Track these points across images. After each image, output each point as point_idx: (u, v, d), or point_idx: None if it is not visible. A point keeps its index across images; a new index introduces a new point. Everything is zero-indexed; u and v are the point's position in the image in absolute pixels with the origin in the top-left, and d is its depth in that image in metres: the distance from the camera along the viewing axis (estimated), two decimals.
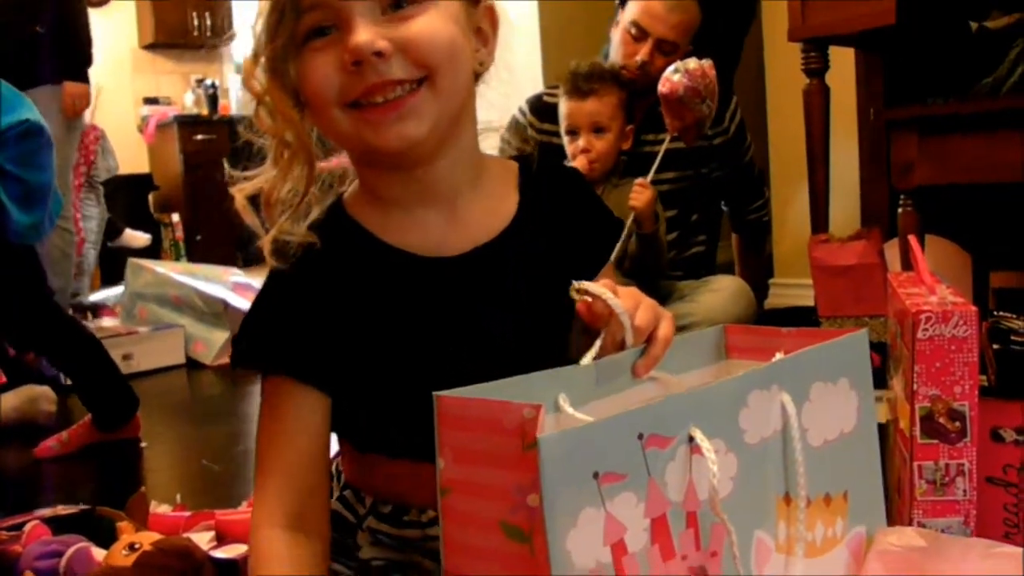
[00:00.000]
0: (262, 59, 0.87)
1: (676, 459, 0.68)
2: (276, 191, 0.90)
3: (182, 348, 3.45)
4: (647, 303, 0.84)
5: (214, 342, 3.41)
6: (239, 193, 0.92)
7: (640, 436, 0.65)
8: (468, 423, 0.67)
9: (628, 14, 2.48)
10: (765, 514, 0.75)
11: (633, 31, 2.45)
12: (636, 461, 0.65)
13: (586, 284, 0.82)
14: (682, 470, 0.68)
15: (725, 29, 3.16)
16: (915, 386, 1.09)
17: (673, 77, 2.25)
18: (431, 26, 0.85)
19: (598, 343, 0.82)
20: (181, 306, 3.42)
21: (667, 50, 2.44)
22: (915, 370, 1.09)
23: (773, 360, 0.81)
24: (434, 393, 0.68)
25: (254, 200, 0.93)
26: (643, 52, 2.43)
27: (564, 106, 2.32)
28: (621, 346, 0.82)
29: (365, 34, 0.82)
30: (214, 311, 3.39)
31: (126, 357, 3.24)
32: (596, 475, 0.62)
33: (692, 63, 2.25)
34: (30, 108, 2.38)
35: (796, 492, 0.76)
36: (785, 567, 0.76)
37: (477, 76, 0.94)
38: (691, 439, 0.68)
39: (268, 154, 0.92)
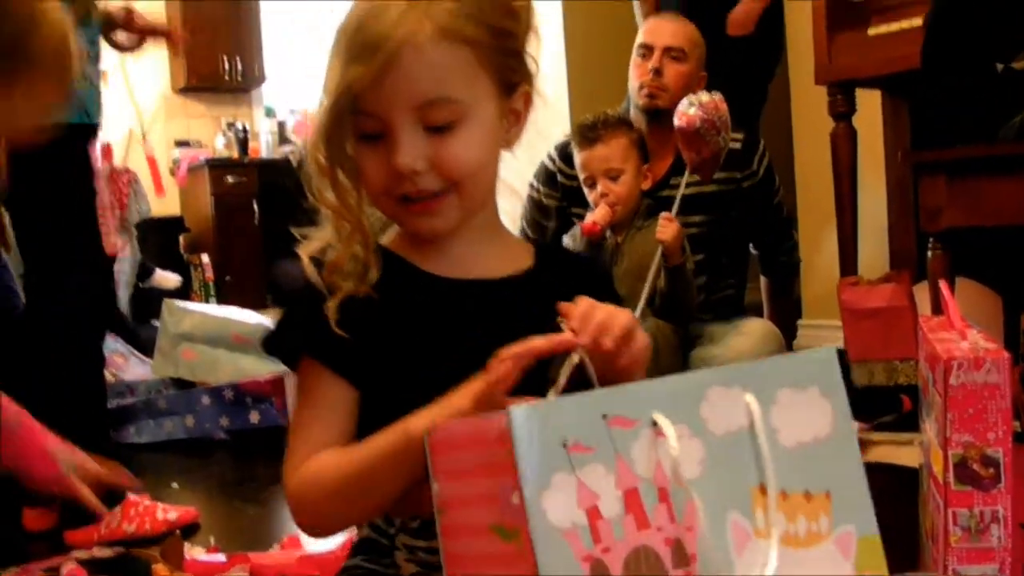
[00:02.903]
0: (323, 142, 0.99)
1: (640, 439, 0.72)
2: (339, 258, 1.00)
3: None
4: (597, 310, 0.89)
5: None
6: (304, 252, 1.01)
7: (604, 416, 0.71)
8: (456, 444, 0.74)
9: (635, 45, 2.62)
10: (740, 500, 0.77)
11: (641, 51, 2.59)
12: (602, 437, 0.70)
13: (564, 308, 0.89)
14: (648, 449, 0.72)
15: (752, 70, 3.20)
16: (948, 433, 1.10)
17: (688, 111, 2.29)
18: (463, 145, 0.97)
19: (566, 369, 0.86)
20: (244, 345, 3.40)
21: (676, 56, 2.55)
22: (948, 416, 1.10)
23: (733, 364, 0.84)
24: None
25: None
26: (653, 61, 2.54)
27: (577, 158, 2.39)
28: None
29: (406, 156, 0.95)
30: None
31: None
32: (564, 444, 0.68)
33: (704, 96, 2.30)
34: None
35: (768, 484, 0.78)
36: (767, 553, 0.77)
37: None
38: (654, 423, 0.73)
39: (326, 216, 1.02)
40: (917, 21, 2.46)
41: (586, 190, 2.39)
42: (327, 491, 0.95)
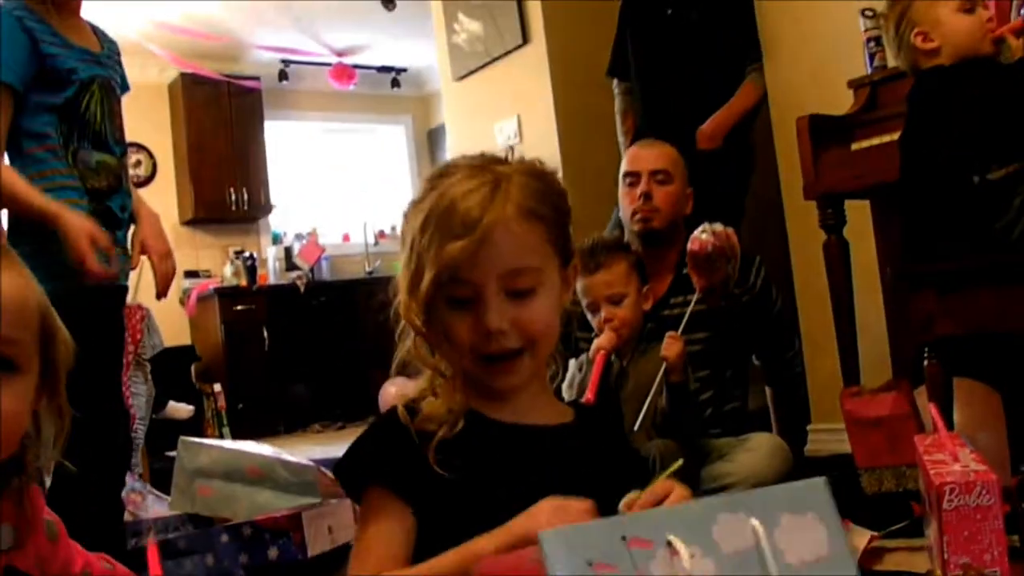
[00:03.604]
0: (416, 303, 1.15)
1: (657, 559, 0.80)
2: (435, 409, 1.14)
3: None
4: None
5: None
6: (399, 402, 1.15)
7: (623, 538, 0.79)
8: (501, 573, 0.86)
9: (620, 175, 2.76)
10: None
11: (628, 180, 2.71)
12: (623, 556, 0.79)
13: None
14: (664, 567, 0.80)
15: (724, 184, 3.31)
16: (946, 555, 1.14)
17: (702, 236, 2.39)
18: (540, 308, 1.15)
19: None
20: (260, 479, 3.42)
21: (661, 179, 2.67)
22: (944, 539, 1.14)
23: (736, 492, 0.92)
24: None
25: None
26: (641, 186, 2.66)
27: (579, 285, 2.45)
28: None
29: (495, 319, 1.12)
30: (303, 479, 3.37)
31: None
32: (590, 563, 0.77)
33: (718, 226, 2.40)
34: None
35: None
36: None
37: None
38: (669, 544, 0.81)
39: (422, 370, 1.19)
40: (896, 135, 2.56)
41: (589, 315, 2.45)
42: None
